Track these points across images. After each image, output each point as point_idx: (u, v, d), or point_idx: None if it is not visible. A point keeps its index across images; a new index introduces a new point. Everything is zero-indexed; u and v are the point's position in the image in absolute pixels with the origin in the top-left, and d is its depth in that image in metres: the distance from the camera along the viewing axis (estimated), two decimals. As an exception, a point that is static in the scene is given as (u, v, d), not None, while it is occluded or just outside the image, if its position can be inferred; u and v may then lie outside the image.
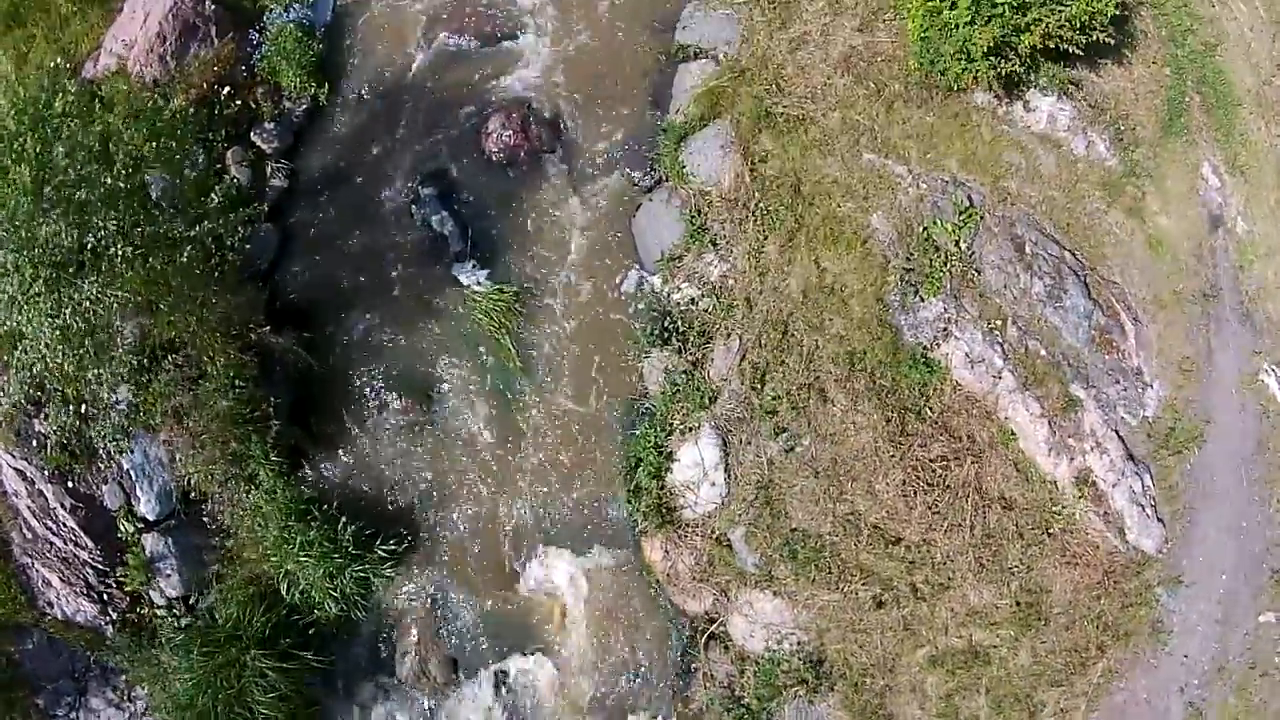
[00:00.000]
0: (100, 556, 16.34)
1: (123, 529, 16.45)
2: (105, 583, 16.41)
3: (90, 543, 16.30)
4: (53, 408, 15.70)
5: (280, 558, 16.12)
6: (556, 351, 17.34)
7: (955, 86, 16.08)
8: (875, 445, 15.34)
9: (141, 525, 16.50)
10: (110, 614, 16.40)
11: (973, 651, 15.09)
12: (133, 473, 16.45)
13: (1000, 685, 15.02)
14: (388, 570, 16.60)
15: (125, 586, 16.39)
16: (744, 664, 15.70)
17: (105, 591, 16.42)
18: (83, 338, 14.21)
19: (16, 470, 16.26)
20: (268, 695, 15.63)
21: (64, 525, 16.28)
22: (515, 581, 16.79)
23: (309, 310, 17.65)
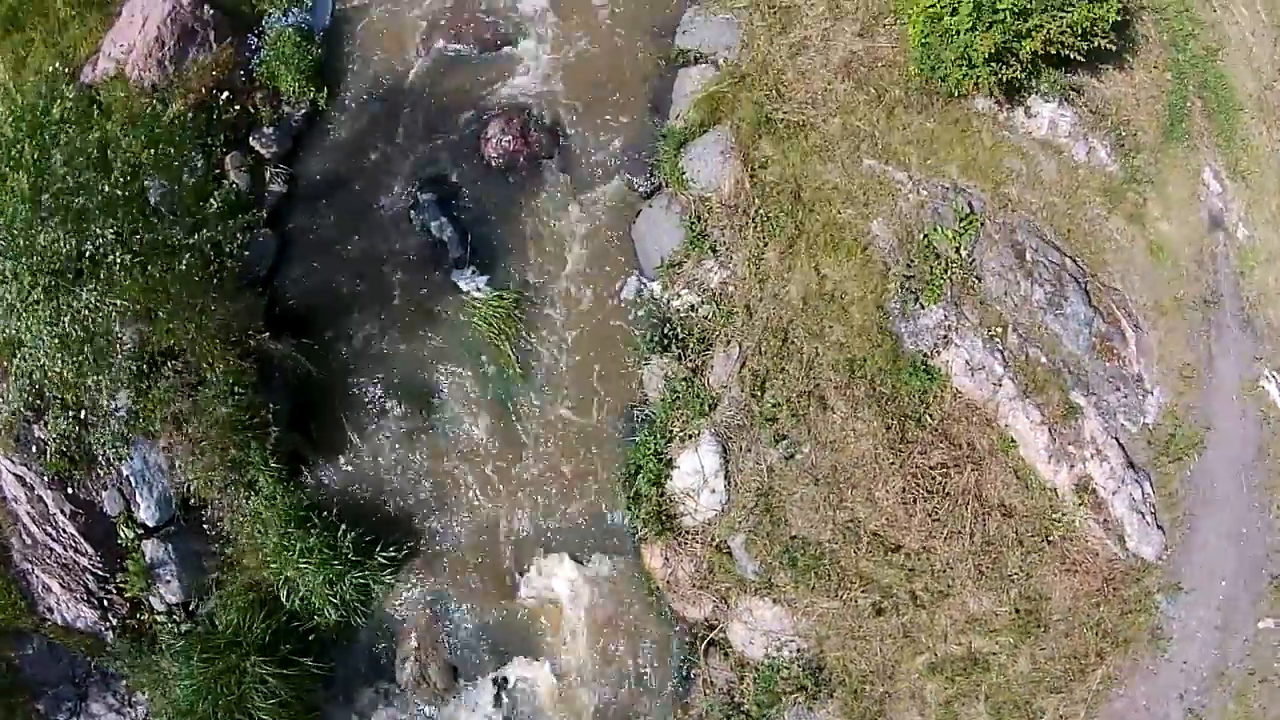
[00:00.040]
0: (100, 562, 16.36)
1: (123, 535, 16.47)
2: (105, 588, 16.43)
3: (90, 549, 16.31)
4: (52, 414, 15.74)
5: (280, 564, 16.13)
6: (556, 358, 17.31)
7: (956, 92, 16.00)
8: (875, 452, 15.33)
9: (141, 531, 16.51)
10: (110, 620, 16.42)
11: (972, 658, 15.09)
12: (132, 479, 16.46)
13: (1000, 692, 15.02)
14: (387, 577, 16.60)
15: (125, 592, 16.41)
16: (744, 671, 15.71)
17: (105, 597, 16.43)
18: (82, 345, 14.19)
19: (16, 476, 16.27)
20: (268, 701, 15.67)
21: (64, 531, 16.30)
22: (515, 587, 16.79)
23: (308, 316, 17.61)
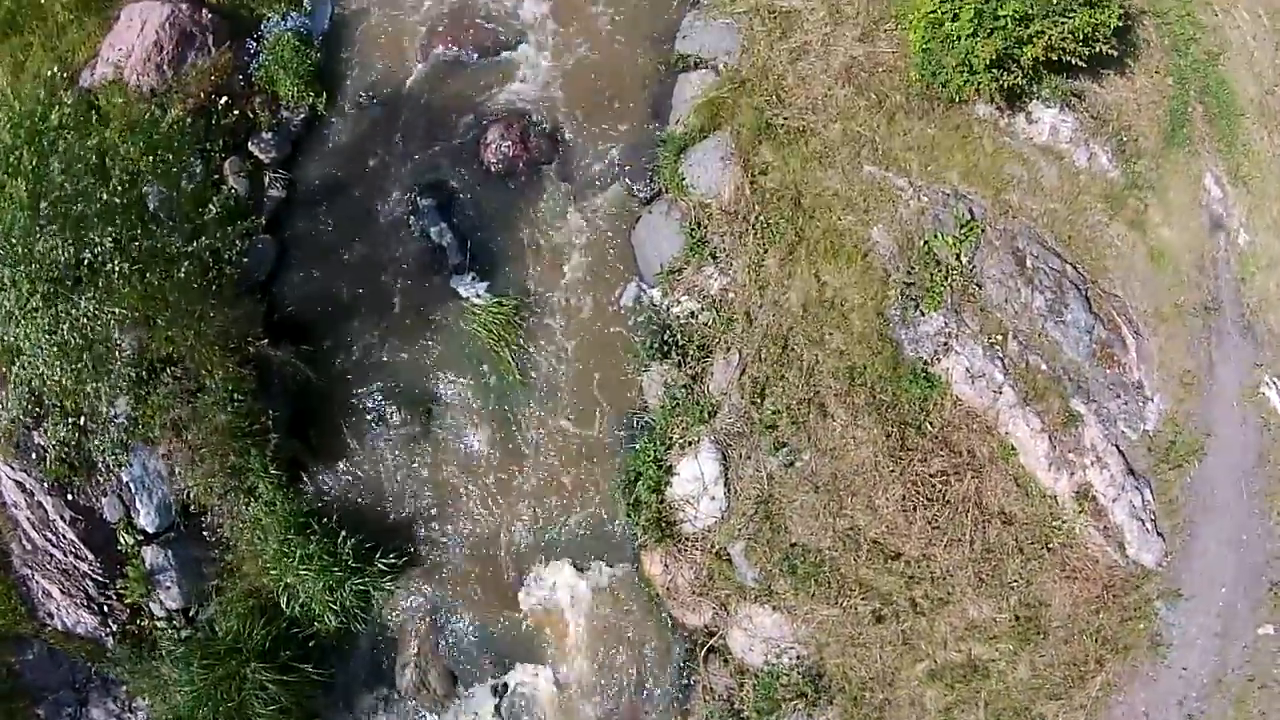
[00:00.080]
0: (100, 568, 16.33)
1: (122, 541, 16.43)
2: (105, 594, 16.41)
3: (90, 555, 16.29)
4: (52, 421, 15.68)
5: (280, 571, 16.10)
6: (555, 366, 17.23)
7: (957, 98, 15.94)
8: (875, 460, 15.29)
9: (141, 538, 16.47)
10: (110, 626, 16.40)
11: (972, 665, 15.07)
12: (132, 485, 16.43)
13: (999, 699, 15.01)
14: (387, 583, 16.57)
15: (125, 598, 16.37)
16: (743, 677, 15.68)
17: (105, 603, 16.42)
18: (80, 352, 14.15)
19: (16, 482, 16.23)
20: (268, 708, 15.63)
21: (64, 537, 16.28)
22: (515, 594, 16.74)
23: (307, 322, 17.54)
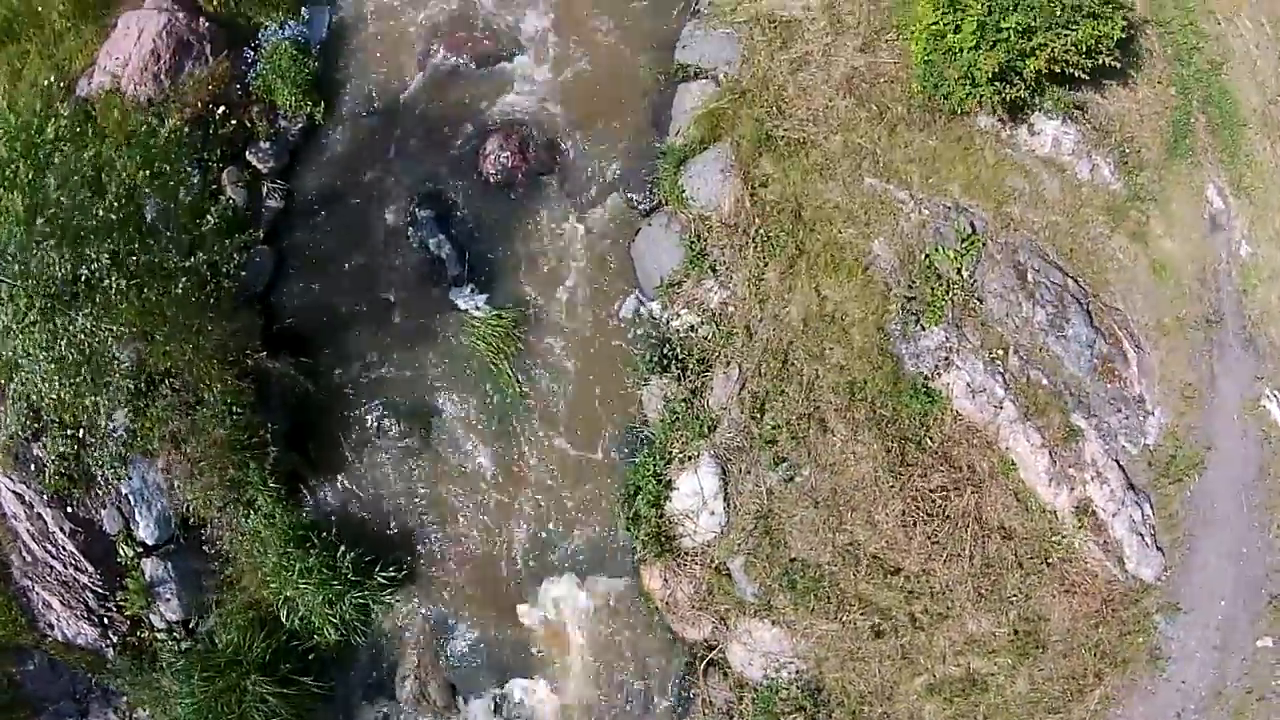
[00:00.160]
0: (100, 580, 16.35)
1: (122, 553, 16.45)
2: (105, 606, 16.45)
3: (90, 566, 16.31)
4: (50, 435, 15.72)
5: (279, 583, 16.11)
6: (555, 379, 17.19)
7: (959, 110, 15.84)
8: (875, 475, 15.27)
9: (141, 550, 16.49)
10: (111, 637, 16.44)
11: (970, 679, 15.09)
12: (131, 498, 16.43)
13: (998, 713, 15.04)
14: (387, 596, 16.59)
15: (125, 610, 16.41)
16: (742, 691, 15.70)
17: (105, 615, 16.46)
18: (78, 367, 14.13)
19: (16, 494, 16.24)
20: (268, 720, 15.71)
21: (64, 549, 16.30)
22: (515, 607, 16.76)
23: (306, 334, 17.50)
